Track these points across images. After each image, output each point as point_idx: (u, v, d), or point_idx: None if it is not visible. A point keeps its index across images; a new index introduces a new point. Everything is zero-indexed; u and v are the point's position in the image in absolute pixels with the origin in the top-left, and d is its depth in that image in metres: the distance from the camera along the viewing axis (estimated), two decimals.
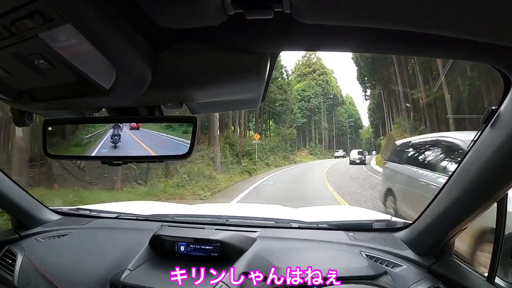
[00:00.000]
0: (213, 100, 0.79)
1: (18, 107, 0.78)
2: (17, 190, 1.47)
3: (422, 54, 0.69)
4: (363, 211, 1.92)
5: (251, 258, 1.18)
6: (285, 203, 2.84)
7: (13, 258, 1.37)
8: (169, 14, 0.50)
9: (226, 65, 0.63)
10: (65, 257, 1.34)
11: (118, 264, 1.21)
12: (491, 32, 0.49)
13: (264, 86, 0.72)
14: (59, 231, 1.53)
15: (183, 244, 1.25)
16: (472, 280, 1.05)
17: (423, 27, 0.50)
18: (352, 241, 1.28)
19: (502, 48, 0.53)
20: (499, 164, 0.78)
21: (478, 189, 0.88)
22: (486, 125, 0.79)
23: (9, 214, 1.52)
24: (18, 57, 0.53)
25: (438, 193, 1.05)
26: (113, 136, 0.76)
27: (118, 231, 1.51)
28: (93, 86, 0.61)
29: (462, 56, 0.66)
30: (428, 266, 1.10)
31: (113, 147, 0.76)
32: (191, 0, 0.45)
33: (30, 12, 0.42)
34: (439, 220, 1.06)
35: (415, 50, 0.67)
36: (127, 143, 0.76)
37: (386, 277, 1.06)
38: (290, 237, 1.35)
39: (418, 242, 1.19)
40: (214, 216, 1.57)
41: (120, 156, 0.77)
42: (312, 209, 1.93)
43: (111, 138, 0.76)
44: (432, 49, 0.62)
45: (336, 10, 0.47)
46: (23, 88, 0.69)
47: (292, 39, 0.60)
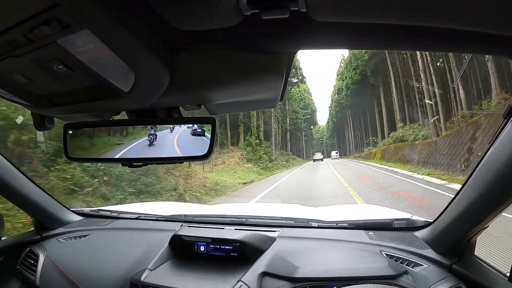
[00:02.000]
0: (231, 100, 0.79)
1: (38, 112, 0.80)
2: (39, 192, 1.51)
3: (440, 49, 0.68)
4: (383, 210, 1.89)
5: (270, 258, 1.18)
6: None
7: (35, 258, 1.41)
8: (185, 16, 0.50)
9: (243, 65, 0.63)
10: (86, 257, 1.37)
11: (139, 264, 1.23)
12: (504, 23, 0.47)
13: (282, 85, 0.71)
14: (80, 231, 1.57)
15: (203, 244, 1.26)
16: (494, 280, 1.02)
17: (439, 22, 0.49)
18: (372, 241, 1.27)
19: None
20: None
21: (500, 186, 0.85)
22: (508, 120, 0.77)
23: (31, 215, 1.57)
24: (38, 63, 0.55)
25: (460, 190, 1.02)
26: (149, 135, 0.77)
27: (138, 231, 1.54)
28: (112, 90, 0.62)
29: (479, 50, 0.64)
30: (449, 266, 1.07)
31: (148, 149, 0.76)
32: (206, 2, 0.45)
33: (47, 19, 0.43)
34: (460, 219, 1.03)
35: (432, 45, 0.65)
36: (162, 144, 0.76)
37: (407, 277, 1.05)
38: (309, 237, 1.35)
39: (439, 241, 1.16)
40: (233, 216, 1.58)
41: (141, 158, 0.78)
42: (332, 208, 1.91)
43: (148, 137, 0.77)
44: (449, 43, 0.60)
45: (352, 7, 0.47)
46: (43, 93, 0.71)
47: (308, 37, 0.60)
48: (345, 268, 1.04)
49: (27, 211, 1.52)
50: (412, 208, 5.95)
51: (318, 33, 0.58)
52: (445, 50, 0.70)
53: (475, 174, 0.94)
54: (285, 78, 0.69)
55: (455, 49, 0.63)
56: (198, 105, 0.79)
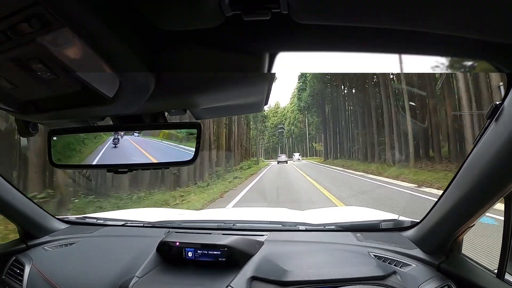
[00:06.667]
0: (216, 105, 0.79)
1: (23, 118, 0.78)
2: (23, 200, 1.47)
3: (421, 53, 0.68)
4: (370, 211, 1.91)
5: (259, 262, 1.18)
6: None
7: (21, 267, 1.38)
8: (167, 16, 0.50)
9: (226, 67, 0.63)
10: (73, 266, 1.34)
11: (126, 272, 1.21)
12: (492, 30, 0.49)
13: (266, 89, 0.72)
14: (67, 239, 1.53)
15: (191, 250, 1.25)
16: (481, 277, 1.04)
17: (422, 26, 0.50)
18: (360, 242, 1.28)
19: (504, 46, 0.53)
20: (505, 159, 0.77)
21: (485, 185, 0.87)
22: (491, 121, 0.79)
23: (16, 224, 1.53)
24: (18, 63, 0.53)
25: (445, 190, 1.04)
26: (114, 140, 0.77)
27: (125, 238, 1.51)
28: (96, 95, 0.61)
29: (462, 55, 0.66)
30: (437, 265, 1.09)
31: (116, 155, 0.76)
32: (188, 2, 0.45)
33: (28, 17, 0.42)
34: (447, 218, 1.05)
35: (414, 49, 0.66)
36: (130, 151, 0.76)
37: (395, 277, 1.06)
38: (297, 240, 1.35)
39: (426, 240, 1.18)
40: (221, 221, 1.57)
41: (126, 164, 0.77)
42: (319, 211, 1.93)
43: (113, 142, 0.77)
44: (432, 47, 0.62)
45: (334, 10, 0.47)
46: (27, 99, 0.69)
47: (291, 40, 0.61)
48: (333, 270, 1.04)
49: (11, 218, 1.48)
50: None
51: (300, 36, 0.59)
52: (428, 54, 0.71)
53: (460, 173, 0.95)
54: (270, 82, 0.70)
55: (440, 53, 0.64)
56: (184, 110, 0.79)
